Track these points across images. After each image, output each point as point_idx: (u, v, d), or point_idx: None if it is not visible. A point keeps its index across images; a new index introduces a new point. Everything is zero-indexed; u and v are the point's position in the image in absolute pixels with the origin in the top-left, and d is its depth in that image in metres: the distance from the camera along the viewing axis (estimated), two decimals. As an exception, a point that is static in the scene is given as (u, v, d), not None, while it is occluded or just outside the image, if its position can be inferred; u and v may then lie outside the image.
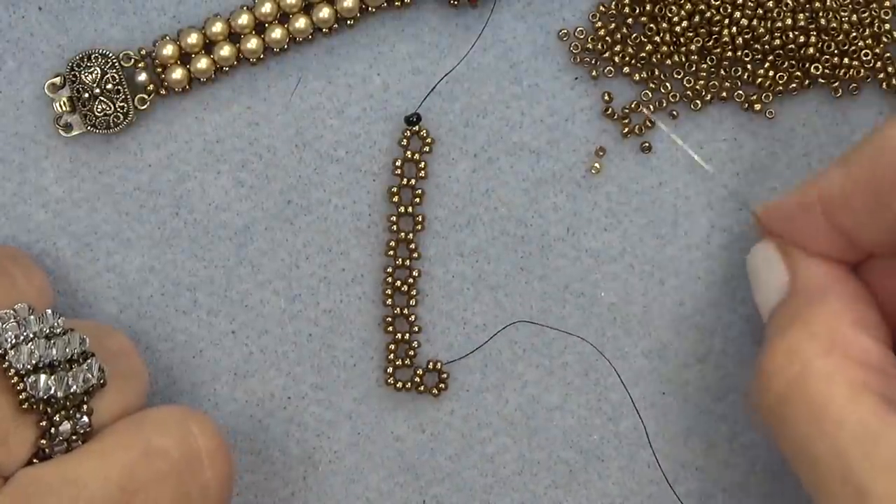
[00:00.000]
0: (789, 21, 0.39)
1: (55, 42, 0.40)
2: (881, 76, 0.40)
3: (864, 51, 0.40)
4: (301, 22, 0.40)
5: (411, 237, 0.40)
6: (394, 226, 0.40)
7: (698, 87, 0.40)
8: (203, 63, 0.40)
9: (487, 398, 0.41)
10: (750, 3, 0.39)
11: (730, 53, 0.40)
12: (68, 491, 0.33)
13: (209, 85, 0.40)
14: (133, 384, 0.37)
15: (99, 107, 0.39)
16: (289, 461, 0.41)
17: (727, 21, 0.40)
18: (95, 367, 0.35)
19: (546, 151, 0.41)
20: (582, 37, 0.41)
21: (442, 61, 0.41)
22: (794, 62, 0.40)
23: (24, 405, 0.33)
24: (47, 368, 0.34)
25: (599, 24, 0.40)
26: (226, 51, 0.40)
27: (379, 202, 0.41)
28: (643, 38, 0.40)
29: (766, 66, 0.40)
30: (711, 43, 0.40)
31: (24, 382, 0.34)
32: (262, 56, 0.40)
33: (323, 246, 0.41)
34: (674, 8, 0.40)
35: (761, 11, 0.39)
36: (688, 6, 0.40)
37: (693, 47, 0.40)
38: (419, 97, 0.41)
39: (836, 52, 0.40)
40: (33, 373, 0.34)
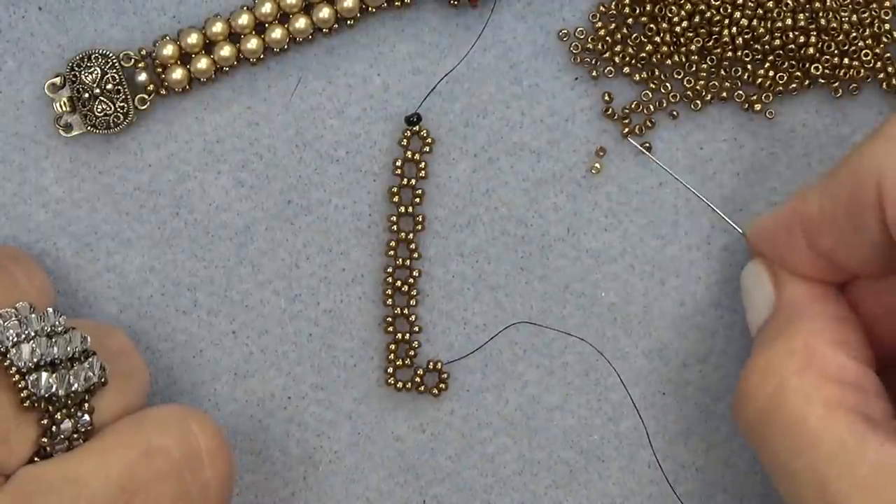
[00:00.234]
0: (789, 21, 0.39)
1: (55, 42, 0.40)
2: (881, 76, 0.40)
3: (864, 51, 0.40)
4: (301, 22, 0.40)
5: (411, 237, 0.40)
6: (394, 226, 0.40)
7: (698, 87, 0.40)
8: (203, 63, 0.40)
9: (488, 398, 0.41)
10: (750, 3, 0.39)
11: (730, 53, 0.40)
12: (69, 489, 0.33)
13: (209, 85, 0.40)
14: (133, 383, 0.37)
15: (99, 107, 0.39)
16: (289, 461, 0.41)
17: (727, 21, 0.40)
18: (97, 366, 0.35)
19: (546, 151, 0.41)
20: (582, 37, 0.41)
21: (442, 61, 0.41)
22: (794, 62, 0.40)
23: (26, 403, 0.33)
24: (48, 366, 0.34)
25: (599, 25, 0.40)
26: (226, 51, 0.40)
27: (379, 202, 0.41)
28: (643, 39, 0.40)
29: (766, 67, 0.40)
30: (711, 43, 0.40)
31: (26, 380, 0.33)
32: (263, 56, 0.40)
33: (323, 246, 0.41)
34: (674, 8, 0.40)
35: (761, 11, 0.40)
36: (688, 6, 0.40)
37: (693, 47, 0.40)
38: (419, 97, 0.41)
39: (836, 52, 0.40)
40: (35, 371, 0.34)
